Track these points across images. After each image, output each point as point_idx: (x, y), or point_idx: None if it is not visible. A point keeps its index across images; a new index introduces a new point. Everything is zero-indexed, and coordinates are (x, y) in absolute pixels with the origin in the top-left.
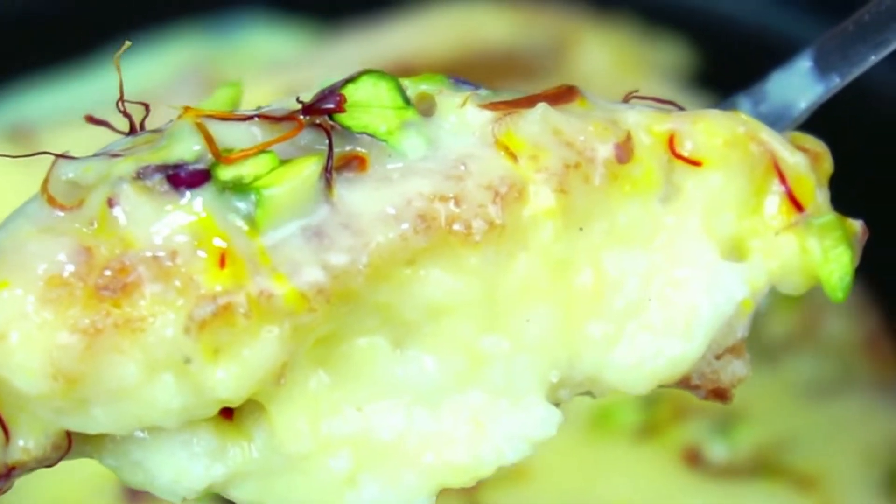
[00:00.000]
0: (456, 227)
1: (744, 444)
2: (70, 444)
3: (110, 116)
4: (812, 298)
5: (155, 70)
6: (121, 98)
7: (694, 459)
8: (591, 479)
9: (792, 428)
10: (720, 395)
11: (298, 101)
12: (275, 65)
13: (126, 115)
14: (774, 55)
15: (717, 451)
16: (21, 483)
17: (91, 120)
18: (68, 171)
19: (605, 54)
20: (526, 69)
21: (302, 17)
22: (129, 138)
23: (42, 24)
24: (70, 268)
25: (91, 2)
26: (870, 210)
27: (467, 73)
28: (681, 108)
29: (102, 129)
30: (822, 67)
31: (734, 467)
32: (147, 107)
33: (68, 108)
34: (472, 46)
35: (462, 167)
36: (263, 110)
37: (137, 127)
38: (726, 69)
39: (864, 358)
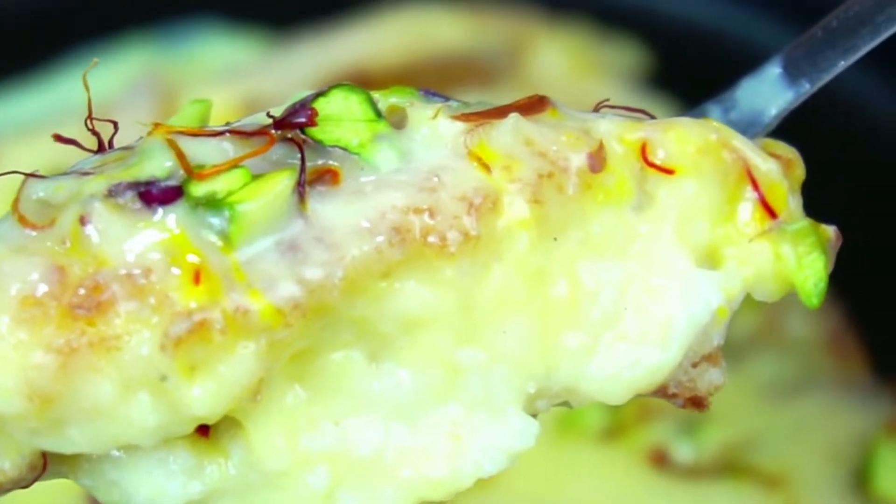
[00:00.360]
0: (431, 239)
1: (709, 445)
2: (45, 465)
3: (68, 128)
4: None
5: (109, 80)
6: (89, 116)
7: (660, 460)
8: (558, 482)
9: (757, 427)
10: (697, 403)
11: (269, 115)
12: (229, 73)
13: (94, 132)
14: (728, 56)
15: (683, 451)
16: None
17: (59, 139)
18: (38, 190)
19: (560, 57)
20: (481, 73)
21: (255, 25)
22: (99, 156)
23: None
24: (43, 287)
25: (43, 13)
26: (834, 210)
27: (422, 77)
28: (652, 117)
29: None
30: (792, 74)
31: (700, 468)
32: (115, 124)
33: (22, 120)
34: (427, 51)
35: (435, 179)
36: (234, 125)
37: (105, 145)
38: (680, 70)
39: (827, 356)
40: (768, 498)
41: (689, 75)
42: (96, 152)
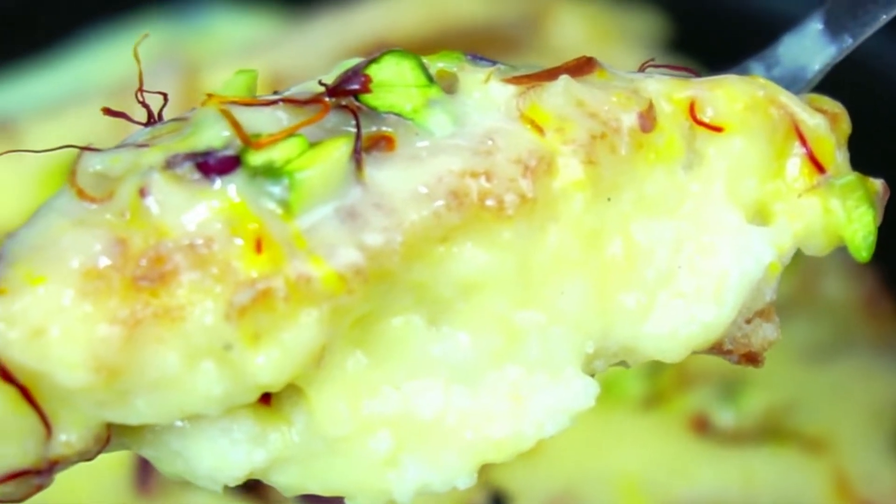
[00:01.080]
0: (488, 202)
1: (750, 410)
2: (109, 437)
3: (91, 106)
4: (809, 261)
5: (128, 59)
6: (140, 88)
7: (702, 426)
8: (601, 450)
9: (796, 391)
10: (752, 359)
11: (321, 83)
12: (247, 49)
13: (144, 104)
14: (746, 21)
15: (725, 417)
16: None
17: (109, 112)
18: (95, 163)
19: (579, 26)
20: (501, 44)
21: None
22: (150, 128)
23: (9, 17)
24: (106, 260)
25: None
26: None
27: (443, 49)
28: (696, 75)
29: (82, 119)
30: (833, 29)
31: (742, 433)
32: (165, 96)
33: (42, 99)
34: (447, 23)
35: (490, 142)
36: (286, 94)
37: (156, 117)
38: (699, 37)
39: (863, 319)
40: (811, 462)
41: (708, 42)
42: (146, 125)
